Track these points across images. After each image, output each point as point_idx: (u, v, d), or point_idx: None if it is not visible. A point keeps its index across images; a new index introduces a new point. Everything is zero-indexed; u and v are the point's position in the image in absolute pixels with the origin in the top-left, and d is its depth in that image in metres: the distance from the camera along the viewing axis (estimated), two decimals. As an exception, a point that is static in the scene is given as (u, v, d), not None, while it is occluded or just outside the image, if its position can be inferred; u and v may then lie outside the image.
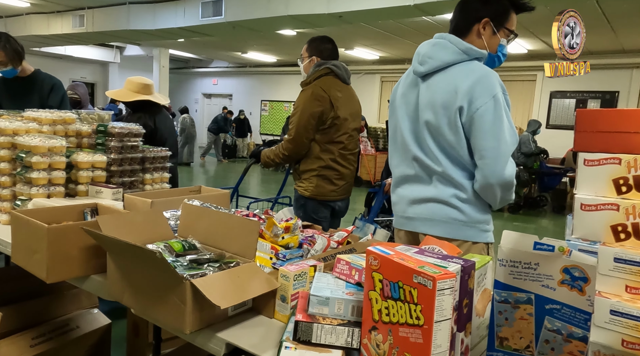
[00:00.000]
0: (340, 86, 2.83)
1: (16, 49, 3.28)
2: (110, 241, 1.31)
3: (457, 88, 1.77)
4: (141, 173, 2.49)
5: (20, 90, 3.40)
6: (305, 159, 2.81)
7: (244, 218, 1.41)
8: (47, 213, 1.74)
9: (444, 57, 1.83)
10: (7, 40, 3.23)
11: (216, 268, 1.30)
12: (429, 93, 1.85)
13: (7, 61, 3.23)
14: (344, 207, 2.96)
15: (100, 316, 2.52)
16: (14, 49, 3.26)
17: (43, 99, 3.40)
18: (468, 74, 1.78)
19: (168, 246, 1.44)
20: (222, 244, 1.46)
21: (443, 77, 1.83)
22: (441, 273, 0.83)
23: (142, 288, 1.30)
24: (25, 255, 1.58)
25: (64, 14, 10.84)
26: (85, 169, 2.21)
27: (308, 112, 2.70)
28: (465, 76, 1.78)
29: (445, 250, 1.27)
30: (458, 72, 1.81)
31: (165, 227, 1.59)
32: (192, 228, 1.55)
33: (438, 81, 1.84)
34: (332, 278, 1.17)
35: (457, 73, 1.81)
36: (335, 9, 6.60)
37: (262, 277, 1.30)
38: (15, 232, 1.62)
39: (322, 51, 2.91)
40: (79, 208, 1.85)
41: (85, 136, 2.45)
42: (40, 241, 1.48)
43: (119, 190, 2.19)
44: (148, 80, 3.40)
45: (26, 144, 2.06)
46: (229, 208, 2.36)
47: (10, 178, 2.18)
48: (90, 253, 1.55)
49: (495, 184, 1.77)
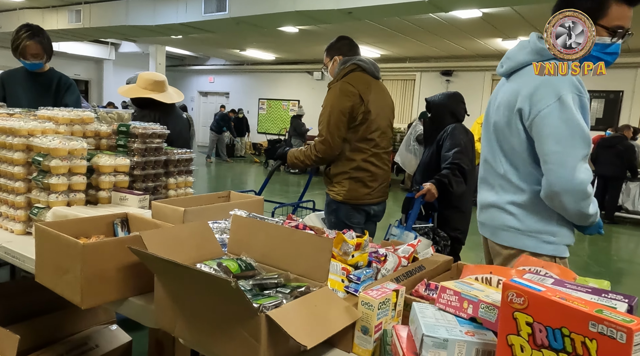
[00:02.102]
0: (370, 81, 2.66)
1: (51, 44, 3.24)
2: (163, 263, 1.12)
3: (520, 90, 1.70)
4: (164, 177, 2.30)
5: (37, 86, 3.25)
6: (336, 162, 2.63)
7: (312, 235, 1.23)
8: (74, 225, 1.55)
9: (519, 58, 1.76)
10: (44, 34, 3.19)
11: (287, 295, 1.12)
12: (502, 94, 1.81)
13: (42, 55, 3.17)
14: (380, 211, 2.78)
15: (120, 333, 2.33)
16: (49, 45, 3.22)
17: (58, 97, 3.27)
18: (534, 75, 1.62)
19: (223, 266, 1.25)
20: (283, 263, 1.27)
21: (516, 78, 1.76)
22: (634, 321, 0.65)
23: (201, 318, 1.11)
24: (53, 275, 1.38)
25: (60, 9, 10.55)
26: (107, 174, 2.01)
27: (337, 108, 2.53)
28: (530, 78, 1.68)
29: (553, 272, 1.09)
30: (527, 73, 1.73)
31: (214, 242, 1.40)
32: (245, 244, 1.36)
33: (511, 81, 1.78)
34: (435, 310, 0.99)
35: (526, 74, 1.74)
36: (344, 4, 6.41)
37: (341, 305, 1.12)
38: (41, 248, 1.43)
39: (341, 48, 2.77)
40: (107, 219, 1.65)
41: (104, 136, 2.25)
42: (73, 259, 1.29)
43: (146, 197, 1.99)
44: (160, 76, 3.19)
45: (44, 146, 1.86)
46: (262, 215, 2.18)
47: (24, 184, 1.98)
48: (128, 273, 1.36)
49: (562, 192, 1.61)
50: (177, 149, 2.39)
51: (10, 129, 1.95)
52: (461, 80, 13.13)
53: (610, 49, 1.69)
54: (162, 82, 3.16)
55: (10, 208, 2.01)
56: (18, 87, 3.24)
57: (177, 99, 3.22)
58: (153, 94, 3.08)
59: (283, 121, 17.16)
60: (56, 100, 3.27)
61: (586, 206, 1.64)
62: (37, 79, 3.26)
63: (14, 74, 3.30)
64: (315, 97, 16.08)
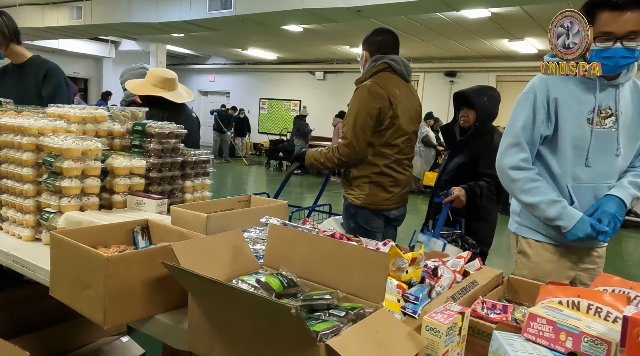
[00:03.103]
0: (399, 83, 2.52)
1: (8, 29, 2.85)
2: (202, 282, 0.98)
3: None
4: (180, 180, 2.16)
5: (20, 79, 2.95)
6: (357, 165, 2.49)
7: (366, 248, 1.09)
8: (92, 234, 1.41)
9: None
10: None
11: (343, 318, 0.99)
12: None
13: None
14: (399, 215, 2.65)
15: (132, 345, 2.19)
16: (5, 30, 2.83)
17: (38, 88, 2.91)
18: None
19: (263, 282, 1.12)
20: (331, 280, 1.14)
21: None
22: None
23: (245, 345, 0.98)
24: (71, 290, 1.25)
25: (60, 5, 10.39)
26: (122, 176, 1.88)
27: (365, 110, 2.39)
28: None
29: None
30: None
31: (249, 255, 1.27)
32: (284, 257, 1.23)
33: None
34: (523, 341, 0.86)
35: None
36: (353, 2, 6.28)
37: (403, 331, 0.99)
38: (58, 259, 1.29)
39: (370, 44, 2.59)
40: (127, 226, 1.52)
41: (117, 136, 2.11)
42: (95, 274, 1.15)
43: (164, 201, 1.86)
44: (170, 73, 3.04)
45: (56, 146, 1.72)
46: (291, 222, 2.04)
47: (34, 186, 1.84)
48: (155, 288, 1.23)
49: (497, 173, 1.93)
50: (193, 150, 2.26)
51: (20, 127, 1.81)
52: (465, 81, 13.01)
53: (606, 53, 1.66)
54: (173, 80, 3.01)
55: (18, 212, 1.87)
56: (7, 81, 2.97)
57: (188, 99, 3.07)
58: (163, 92, 2.94)
59: (284, 121, 17.03)
60: (38, 91, 2.91)
61: (516, 190, 1.84)
62: (20, 71, 2.97)
63: (4, 69, 3.05)
64: (317, 97, 15.96)
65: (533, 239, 1.92)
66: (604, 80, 1.77)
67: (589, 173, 1.80)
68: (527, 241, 1.94)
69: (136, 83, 3.05)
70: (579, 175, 1.81)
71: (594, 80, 1.78)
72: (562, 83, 1.82)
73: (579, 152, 1.80)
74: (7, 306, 2.20)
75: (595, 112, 1.78)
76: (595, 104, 1.78)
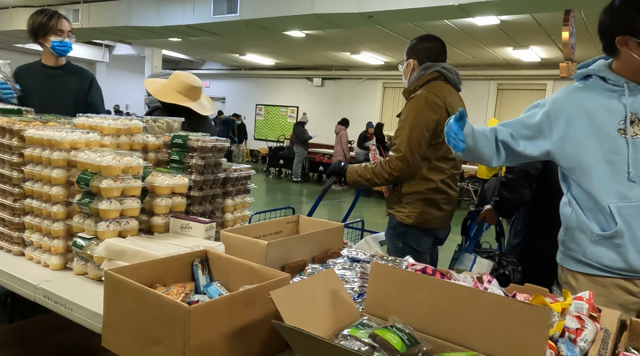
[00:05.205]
0: (453, 93, 2.34)
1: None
2: (326, 348, 0.77)
3: None
4: (221, 198, 1.94)
5: (56, 82, 2.85)
6: (409, 180, 2.29)
7: (512, 299, 0.89)
8: (148, 270, 1.19)
9: None
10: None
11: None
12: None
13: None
14: (446, 235, 2.47)
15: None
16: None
17: (80, 95, 2.88)
18: None
19: (380, 339, 0.91)
20: (463, 337, 0.93)
21: None
22: None
23: None
24: (133, 343, 1.02)
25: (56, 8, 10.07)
26: (163, 196, 1.66)
27: (422, 122, 2.19)
28: None
29: None
30: None
31: (348, 301, 1.06)
32: (394, 305, 1.02)
33: None
34: None
35: None
36: (365, 7, 6.10)
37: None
38: (113, 302, 1.07)
39: (419, 52, 2.41)
40: (184, 259, 1.30)
41: (152, 149, 1.89)
42: (172, 327, 0.94)
43: (212, 225, 1.64)
44: (197, 81, 2.78)
45: (93, 163, 1.50)
46: (341, 246, 1.84)
47: (64, 208, 1.61)
48: (236, 340, 1.01)
49: None
50: (233, 164, 2.05)
51: (49, 141, 1.58)
52: (466, 89, 12.68)
53: None
54: (199, 89, 2.75)
55: (45, 237, 1.64)
56: (35, 81, 2.84)
57: (210, 111, 2.82)
58: (189, 102, 2.70)
59: (281, 127, 16.81)
60: (77, 97, 2.88)
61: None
62: (56, 72, 2.88)
63: (28, 67, 2.96)
64: (315, 104, 15.76)
65: (577, 272, 1.70)
66: (634, 85, 1.57)
67: (636, 189, 1.56)
68: (572, 273, 1.73)
69: (157, 85, 2.79)
70: (624, 193, 1.55)
71: (622, 87, 1.59)
72: (587, 95, 1.63)
73: (617, 168, 1.56)
74: (21, 341, 1.97)
75: (627, 121, 1.56)
76: (626, 112, 1.57)
